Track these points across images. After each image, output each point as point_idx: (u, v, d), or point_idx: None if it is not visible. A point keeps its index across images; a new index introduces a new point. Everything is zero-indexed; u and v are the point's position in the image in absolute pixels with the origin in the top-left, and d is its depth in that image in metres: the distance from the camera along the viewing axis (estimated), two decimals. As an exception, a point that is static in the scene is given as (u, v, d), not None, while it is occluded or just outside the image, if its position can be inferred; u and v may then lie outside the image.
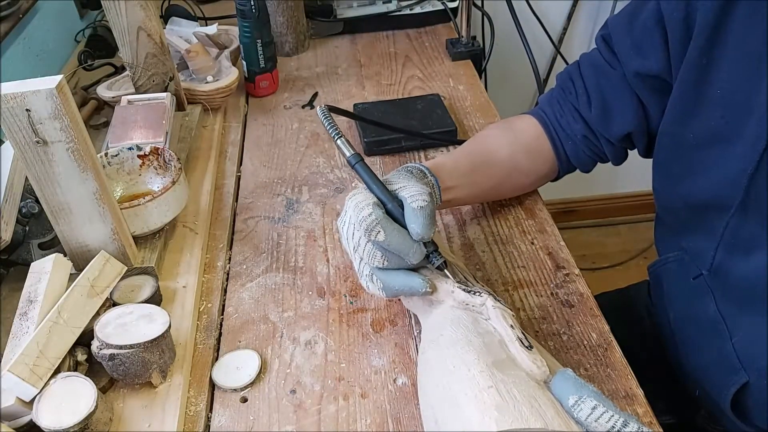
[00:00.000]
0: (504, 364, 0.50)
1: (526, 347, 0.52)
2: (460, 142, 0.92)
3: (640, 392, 0.62)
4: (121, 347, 0.58)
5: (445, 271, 0.60)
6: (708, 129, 0.66)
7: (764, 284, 0.66)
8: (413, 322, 0.70)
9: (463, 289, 0.58)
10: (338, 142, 0.63)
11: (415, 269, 0.60)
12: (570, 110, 0.79)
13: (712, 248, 0.71)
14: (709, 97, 0.65)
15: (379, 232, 0.57)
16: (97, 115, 1.06)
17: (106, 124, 1.00)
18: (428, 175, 0.68)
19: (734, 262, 0.69)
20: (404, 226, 0.57)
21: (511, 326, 0.54)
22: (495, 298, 0.57)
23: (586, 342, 0.67)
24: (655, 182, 0.78)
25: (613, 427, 0.43)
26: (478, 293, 0.57)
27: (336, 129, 0.63)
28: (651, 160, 0.79)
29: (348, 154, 0.63)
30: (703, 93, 0.65)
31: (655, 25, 0.67)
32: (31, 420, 0.55)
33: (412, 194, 0.58)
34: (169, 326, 0.61)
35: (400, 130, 0.95)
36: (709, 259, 0.72)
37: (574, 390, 0.46)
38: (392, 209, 0.59)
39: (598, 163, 0.84)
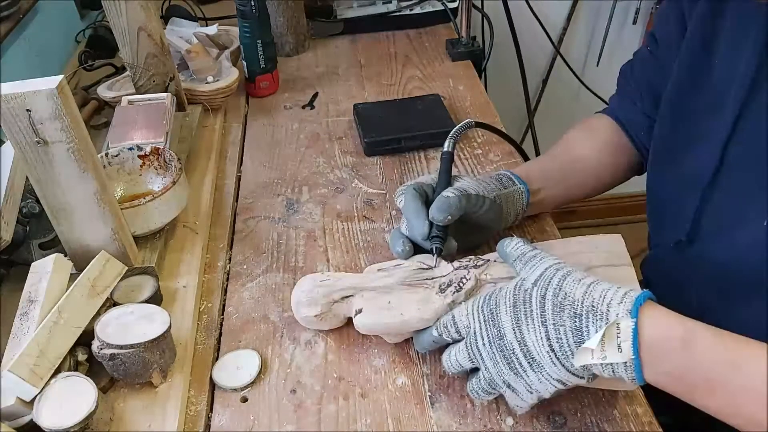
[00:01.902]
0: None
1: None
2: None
3: (639, 392, 0.62)
4: (121, 347, 0.58)
5: (438, 258, 0.67)
6: (704, 100, 0.69)
7: (743, 266, 0.66)
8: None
9: (453, 291, 0.62)
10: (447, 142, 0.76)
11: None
12: (631, 106, 0.84)
13: (689, 217, 0.72)
14: (708, 68, 0.68)
15: (401, 200, 0.72)
16: (98, 116, 1.06)
17: (107, 124, 1.00)
18: (517, 182, 0.74)
19: (711, 236, 0.70)
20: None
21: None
22: (475, 264, 0.65)
23: (585, 342, 0.67)
24: (648, 163, 0.80)
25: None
26: (463, 282, 0.63)
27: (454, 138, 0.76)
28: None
29: (444, 149, 0.75)
30: (704, 63, 0.68)
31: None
32: (32, 420, 0.55)
33: (451, 187, 0.69)
34: (170, 326, 0.61)
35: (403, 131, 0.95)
36: (686, 225, 0.73)
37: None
38: (435, 194, 0.70)
39: None
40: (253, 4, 1.04)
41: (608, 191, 0.90)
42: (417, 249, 0.70)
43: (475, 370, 0.58)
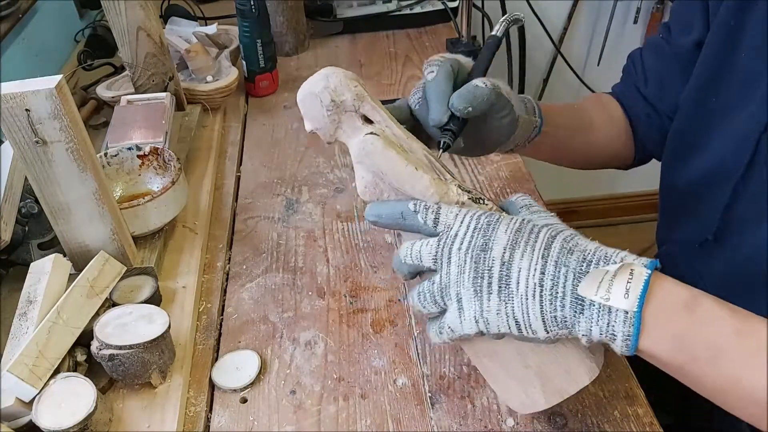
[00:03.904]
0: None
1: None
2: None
3: (640, 392, 0.62)
4: (120, 347, 0.58)
5: (442, 152, 0.59)
6: (729, 94, 0.68)
7: (764, 262, 0.66)
8: (413, 322, 0.70)
9: (470, 198, 0.54)
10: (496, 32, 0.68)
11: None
12: (633, 92, 0.83)
13: (719, 213, 0.71)
14: (734, 62, 0.67)
15: (431, 73, 0.62)
16: (97, 115, 1.06)
17: (106, 124, 0.99)
18: (537, 114, 0.69)
19: (738, 231, 0.70)
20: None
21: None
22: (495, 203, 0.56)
23: (586, 342, 0.67)
24: (664, 157, 0.80)
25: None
26: (482, 200, 0.54)
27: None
28: (651, 160, 0.80)
29: (492, 32, 0.68)
30: (729, 57, 0.67)
31: None
32: (31, 420, 0.55)
33: (487, 78, 0.61)
34: (169, 326, 0.61)
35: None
36: (715, 222, 0.71)
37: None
38: (469, 79, 0.62)
39: None
40: (252, 3, 1.04)
41: (608, 191, 0.90)
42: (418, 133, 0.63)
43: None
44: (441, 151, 0.59)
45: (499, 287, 0.47)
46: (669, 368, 0.46)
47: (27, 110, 0.58)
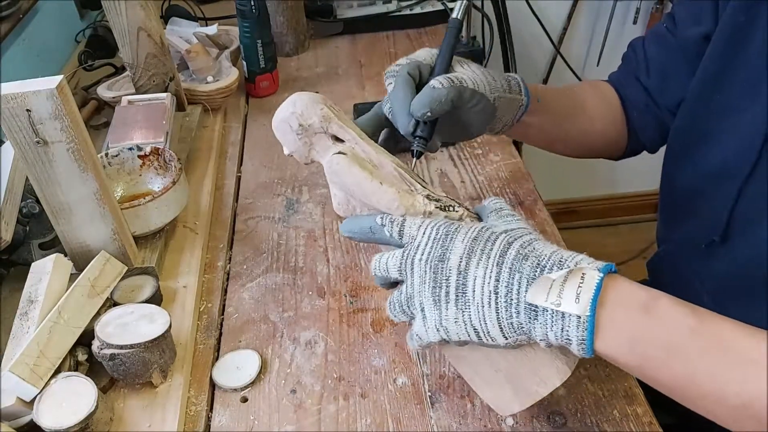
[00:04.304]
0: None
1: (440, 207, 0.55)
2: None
3: (639, 392, 0.62)
4: (121, 347, 0.58)
5: (416, 161, 0.61)
6: (735, 92, 0.67)
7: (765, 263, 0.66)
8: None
9: (438, 206, 0.55)
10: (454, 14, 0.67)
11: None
12: (632, 81, 0.82)
13: (725, 213, 0.70)
14: (741, 59, 0.67)
15: (390, 83, 0.65)
16: (98, 116, 1.06)
17: (107, 124, 1.00)
18: (523, 92, 0.68)
19: (741, 232, 0.69)
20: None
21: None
22: (467, 209, 0.57)
23: (585, 342, 0.67)
24: (667, 153, 0.79)
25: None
26: (452, 207, 0.55)
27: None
28: (651, 159, 0.79)
29: (452, 15, 0.68)
30: (737, 54, 0.67)
31: None
32: (32, 420, 0.55)
33: (447, 75, 0.62)
34: (170, 326, 0.61)
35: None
36: (721, 223, 0.71)
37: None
38: (431, 77, 0.63)
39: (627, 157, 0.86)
40: (252, 3, 1.04)
41: (608, 191, 0.90)
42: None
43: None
44: (414, 159, 0.61)
45: (456, 296, 0.48)
46: (627, 368, 0.46)
47: (28, 110, 0.58)
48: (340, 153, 0.55)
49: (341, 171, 0.55)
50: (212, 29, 1.16)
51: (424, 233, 0.50)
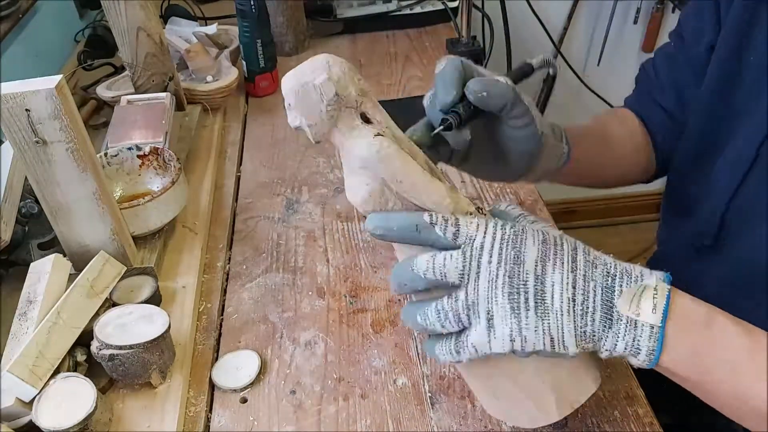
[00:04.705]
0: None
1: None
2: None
3: (640, 393, 0.62)
4: (120, 347, 0.58)
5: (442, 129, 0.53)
6: (739, 97, 0.67)
7: (764, 265, 0.66)
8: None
9: (476, 207, 0.50)
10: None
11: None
12: (650, 103, 0.81)
13: (717, 218, 0.70)
14: (743, 64, 0.66)
15: (440, 66, 0.56)
16: (97, 115, 1.06)
17: (106, 124, 0.99)
18: (564, 141, 0.65)
19: (737, 235, 0.69)
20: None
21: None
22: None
23: (586, 342, 0.67)
24: (675, 160, 0.79)
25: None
26: (482, 210, 0.51)
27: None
28: None
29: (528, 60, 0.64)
30: (739, 61, 0.67)
31: None
32: (31, 420, 0.55)
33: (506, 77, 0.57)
34: (169, 326, 0.61)
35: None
36: (714, 226, 0.71)
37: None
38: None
39: None
40: (252, 3, 1.04)
41: (608, 191, 0.89)
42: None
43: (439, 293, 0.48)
44: (440, 127, 0.53)
45: (536, 303, 0.45)
46: (685, 383, 0.47)
47: (27, 110, 0.58)
48: (380, 135, 0.47)
49: (389, 157, 0.46)
50: (212, 29, 1.16)
51: (485, 233, 0.46)
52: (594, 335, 0.45)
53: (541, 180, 0.69)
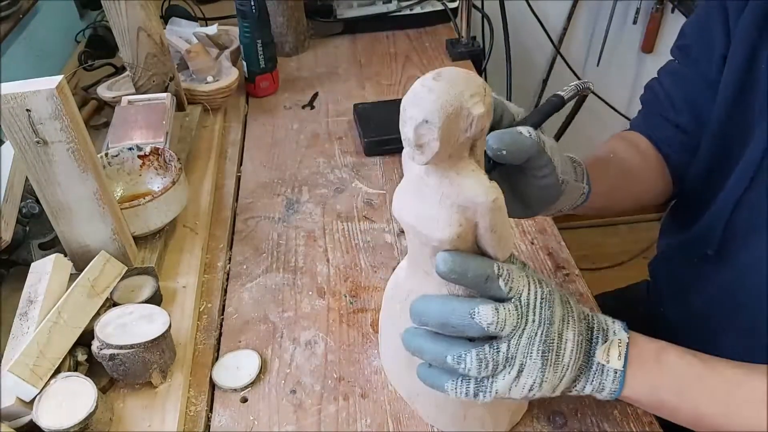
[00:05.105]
0: None
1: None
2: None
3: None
4: (121, 347, 0.58)
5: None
6: (751, 110, 0.66)
7: (766, 272, 0.66)
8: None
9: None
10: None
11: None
12: (661, 122, 0.79)
13: (720, 227, 0.70)
14: (754, 77, 0.66)
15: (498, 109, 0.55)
16: (98, 116, 1.06)
17: (107, 124, 1.00)
18: (585, 180, 0.64)
19: (739, 244, 0.69)
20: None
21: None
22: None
23: (586, 342, 0.67)
24: (688, 176, 0.78)
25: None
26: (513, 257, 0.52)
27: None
28: None
29: (559, 92, 0.61)
30: (749, 71, 0.66)
31: (719, 6, 0.70)
32: (32, 420, 0.55)
33: (531, 128, 0.55)
34: (170, 326, 0.61)
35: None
36: (716, 238, 0.71)
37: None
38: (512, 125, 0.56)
39: None
40: (252, 3, 1.04)
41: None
42: None
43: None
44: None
45: (555, 359, 0.48)
46: (646, 409, 0.55)
47: (28, 110, 0.58)
48: (494, 181, 0.45)
49: (501, 210, 0.45)
50: (212, 29, 1.16)
51: (529, 290, 0.48)
52: (571, 381, 0.50)
53: (557, 214, 0.68)
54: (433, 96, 0.41)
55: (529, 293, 0.47)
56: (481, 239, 0.46)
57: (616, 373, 0.50)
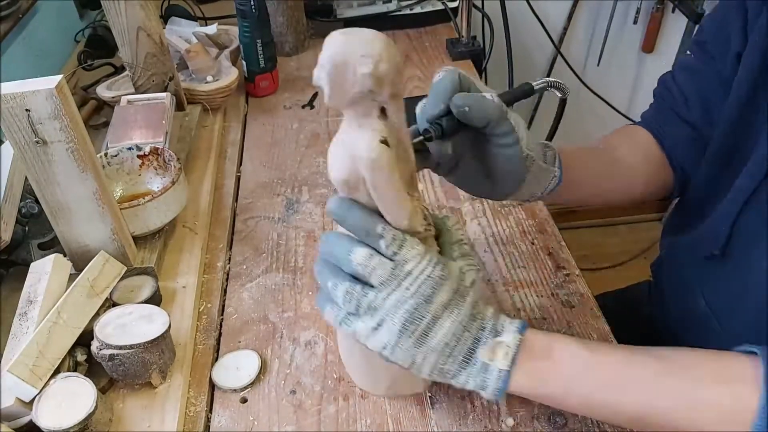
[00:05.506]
0: None
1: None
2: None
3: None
4: (120, 347, 0.58)
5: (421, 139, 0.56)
6: (758, 114, 0.66)
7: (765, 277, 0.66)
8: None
9: (427, 228, 0.54)
10: None
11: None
12: (671, 117, 0.79)
13: (727, 227, 0.70)
14: None
15: (438, 77, 0.58)
16: (97, 115, 1.06)
17: (106, 124, 1.00)
18: (557, 166, 0.65)
19: (746, 243, 0.69)
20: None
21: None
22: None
23: (586, 342, 0.67)
24: (699, 174, 0.77)
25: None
26: (430, 229, 0.54)
27: None
28: None
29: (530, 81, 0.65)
30: (766, 71, 0.66)
31: (739, 4, 0.69)
32: (31, 420, 0.55)
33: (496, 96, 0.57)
34: (169, 326, 0.61)
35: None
36: (722, 239, 0.70)
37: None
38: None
39: None
40: (252, 3, 1.04)
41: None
42: None
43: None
44: (420, 137, 0.56)
45: (420, 335, 0.50)
46: (536, 401, 0.56)
47: (27, 110, 0.58)
48: (385, 143, 0.47)
49: (379, 170, 0.47)
50: (212, 29, 1.16)
51: (418, 264, 0.50)
52: (449, 373, 0.51)
53: (534, 201, 0.69)
54: (329, 46, 0.46)
55: (415, 265, 0.50)
56: (372, 197, 0.50)
57: (500, 372, 0.50)
